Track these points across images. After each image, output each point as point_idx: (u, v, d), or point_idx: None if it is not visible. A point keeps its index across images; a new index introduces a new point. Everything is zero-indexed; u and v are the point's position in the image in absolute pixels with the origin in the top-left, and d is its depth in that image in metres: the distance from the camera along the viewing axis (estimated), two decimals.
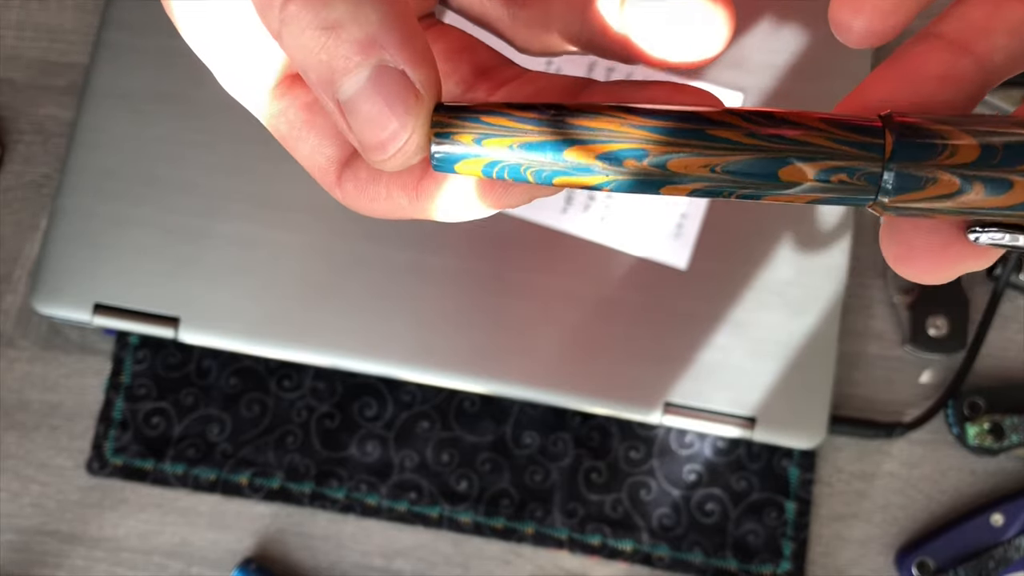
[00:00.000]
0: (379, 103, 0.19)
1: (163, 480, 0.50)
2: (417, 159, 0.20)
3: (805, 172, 0.19)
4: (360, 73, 0.19)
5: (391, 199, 0.22)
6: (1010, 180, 0.18)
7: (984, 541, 0.50)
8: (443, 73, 0.23)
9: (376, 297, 0.50)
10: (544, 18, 0.23)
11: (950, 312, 0.52)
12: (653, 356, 0.50)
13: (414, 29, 0.19)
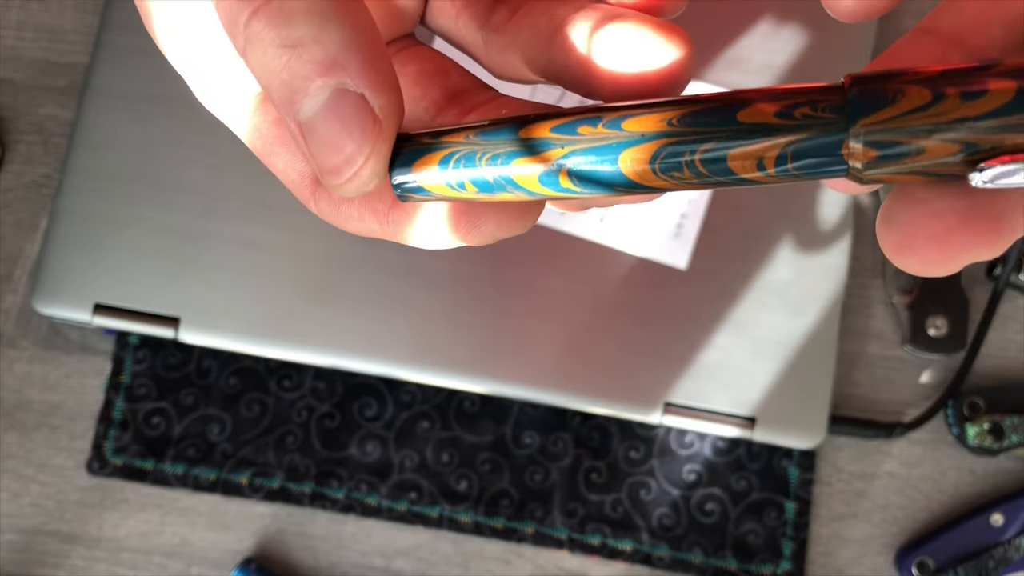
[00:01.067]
0: (336, 126, 0.19)
1: (163, 480, 0.50)
2: (372, 186, 0.20)
3: (766, 111, 0.18)
4: (319, 94, 0.18)
5: (363, 222, 0.22)
6: (985, 87, 0.17)
7: (984, 541, 0.50)
8: (414, 97, 0.23)
9: (376, 297, 0.50)
10: (513, 45, 0.23)
11: (950, 312, 0.52)
12: (653, 356, 0.50)
13: (378, 53, 0.19)
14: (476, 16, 0.24)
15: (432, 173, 0.20)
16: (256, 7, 0.18)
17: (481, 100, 0.23)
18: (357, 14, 0.19)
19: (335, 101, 0.18)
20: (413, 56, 0.24)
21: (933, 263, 0.17)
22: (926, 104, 0.17)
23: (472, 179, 0.20)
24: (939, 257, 0.17)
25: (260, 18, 0.18)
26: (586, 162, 0.19)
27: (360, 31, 0.18)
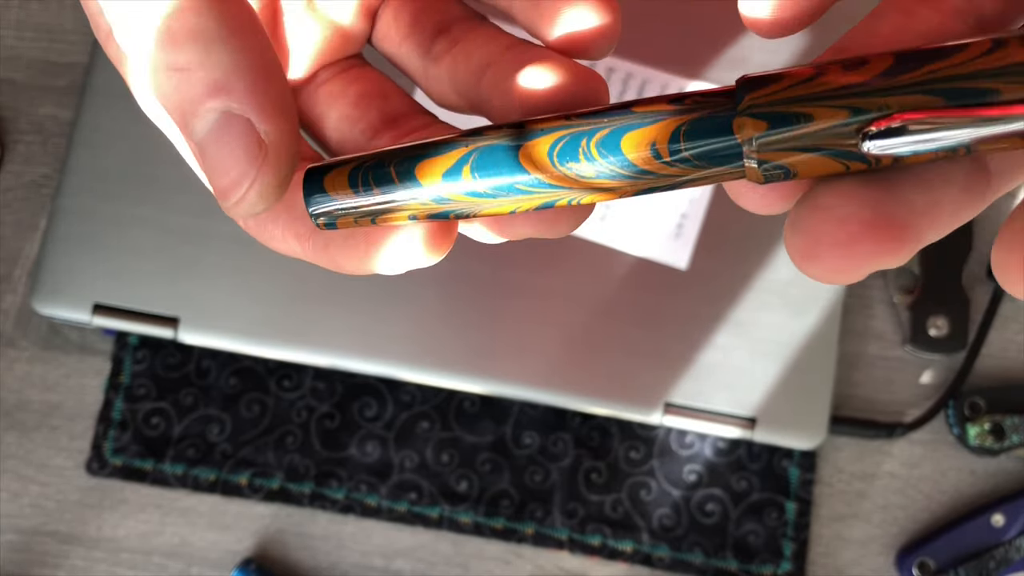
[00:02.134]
0: (223, 149, 0.19)
1: (163, 480, 0.50)
2: (261, 209, 0.20)
3: (660, 102, 0.18)
4: (207, 117, 0.19)
5: (287, 243, 0.22)
6: (866, 57, 0.17)
7: (985, 541, 0.50)
8: (352, 118, 0.24)
9: (376, 297, 0.50)
10: (449, 77, 0.23)
11: (951, 312, 0.52)
12: (653, 356, 0.50)
13: (269, 77, 0.19)
14: (418, 45, 0.24)
15: (342, 200, 0.20)
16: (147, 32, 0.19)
17: (417, 125, 0.23)
18: (248, 38, 0.19)
19: (222, 125, 0.19)
20: (356, 77, 0.25)
21: (837, 271, 0.17)
22: (811, 76, 0.17)
23: (381, 203, 0.20)
24: (843, 265, 0.17)
25: (152, 41, 0.19)
26: (490, 154, 0.19)
27: (249, 55, 0.19)
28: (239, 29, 0.19)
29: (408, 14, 0.25)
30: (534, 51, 0.22)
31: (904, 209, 0.17)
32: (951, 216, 0.18)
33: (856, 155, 0.17)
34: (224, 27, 0.19)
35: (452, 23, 0.24)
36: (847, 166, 0.17)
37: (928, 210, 0.18)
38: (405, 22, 0.25)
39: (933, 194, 0.18)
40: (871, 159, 0.17)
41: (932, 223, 0.18)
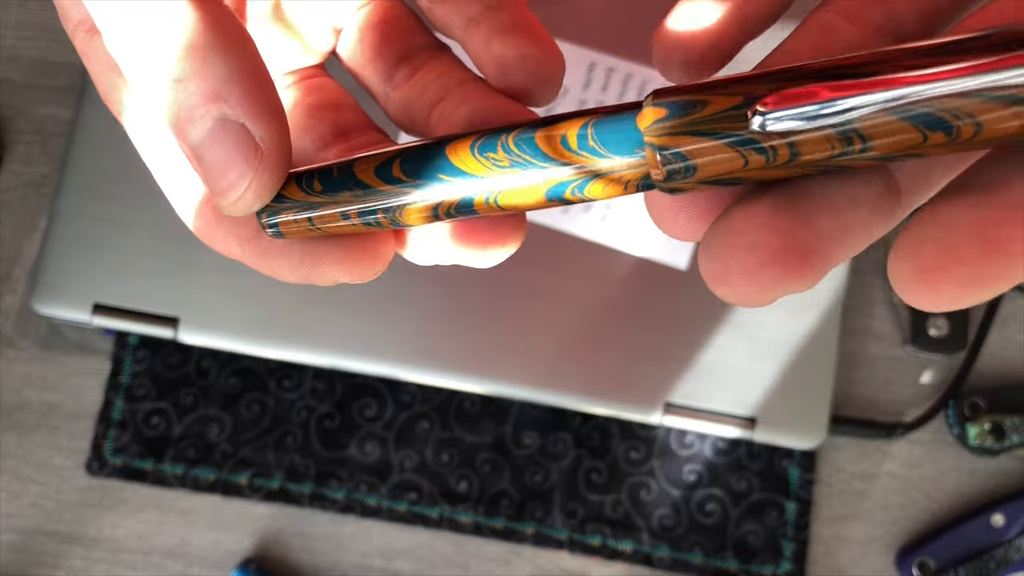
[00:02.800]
0: (220, 153, 0.20)
1: (162, 480, 0.50)
2: (257, 207, 0.21)
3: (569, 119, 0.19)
4: (204, 123, 0.20)
5: (228, 244, 0.24)
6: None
7: (985, 541, 0.50)
8: (305, 128, 0.25)
9: (376, 297, 0.50)
10: (406, 105, 0.25)
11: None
12: (653, 356, 0.50)
13: (261, 85, 0.20)
14: (380, 71, 0.25)
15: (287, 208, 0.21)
16: None
17: (367, 141, 0.24)
18: (241, 48, 0.20)
19: (218, 129, 0.20)
20: (315, 87, 0.26)
21: (746, 296, 0.18)
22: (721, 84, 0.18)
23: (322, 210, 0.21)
24: (752, 291, 0.18)
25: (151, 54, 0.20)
26: (419, 152, 0.21)
27: (243, 64, 0.20)
28: (232, 39, 0.20)
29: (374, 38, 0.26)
30: (482, 91, 0.23)
31: (812, 235, 0.18)
32: (861, 237, 0.19)
33: (749, 141, 0.17)
34: (218, 38, 0.20)
35: (415, 51, 0.25)
36: (745, 157, 0.18)
37: (836, 234, 0.18)
38: (370, 45, 0.26)
39: (842, 218, 0.18)
40: (765, 146, 0.17)
41: (841, 246, 0.18)
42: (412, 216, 0.21)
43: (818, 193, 0.18)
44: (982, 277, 0.16)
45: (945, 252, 0.16)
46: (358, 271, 0.22)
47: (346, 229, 0.22)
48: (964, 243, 0.16)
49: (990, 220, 0.16)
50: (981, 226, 0.16)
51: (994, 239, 0.16)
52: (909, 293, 0.17)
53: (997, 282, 0.16)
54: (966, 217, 0.16)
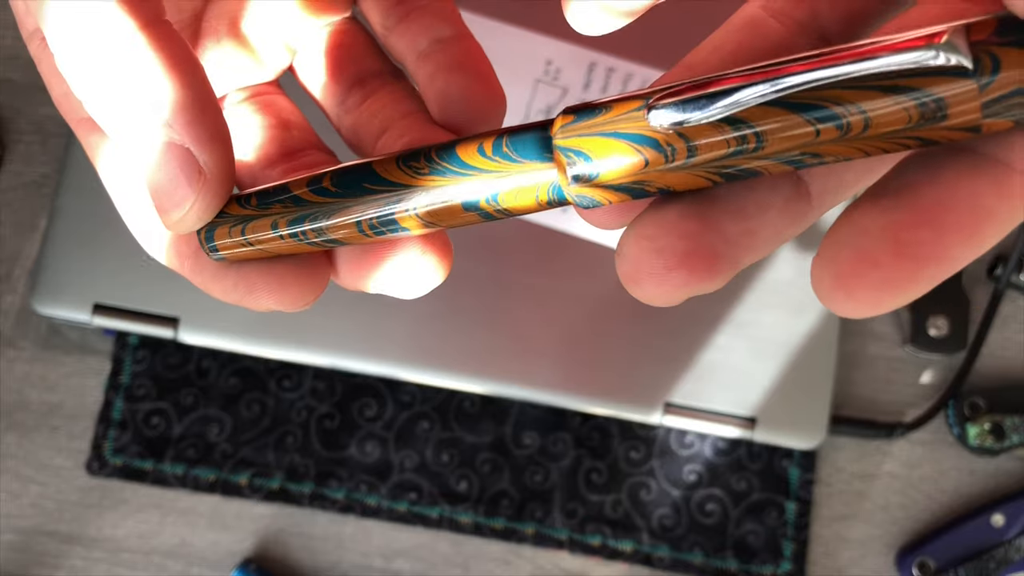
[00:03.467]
0: (165, 174, 0.21)
1: (162, 480, 0.50)
2: (199, 227, 0.22)
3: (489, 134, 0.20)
4: (151, 145, 0.21)
5: (168, 258, 0.24)
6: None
7: (985, 541, 0.50)
8: (250, 146, 0.25)
9: (376, 297, 0.50)
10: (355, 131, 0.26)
11: (951, 312, 0.52)
12: (653, 356, 0.50)
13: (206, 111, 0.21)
14: (334, 93, 0.26)
15: (221, 223, 0.22)
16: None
17: (312, 161, 0.25)
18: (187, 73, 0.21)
19: (164, 152, 0.21)
20: (266, 105, 0.27)
21: (656, 297, 0.19)
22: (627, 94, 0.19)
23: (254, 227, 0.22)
24: (660, 292, 0.18)
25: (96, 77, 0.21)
26: (350, 167, 0.22)
27: (191, 92, 0.21)
28: (178, 65, 0.21)
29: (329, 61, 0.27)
30: (423, 125, 0.24)
31: (719, 239, 0.18)
32: (769, 241, 0.19)
33: (646, 137, 0.18)
34: (166, 64, 0.21)
35: (369, 77, 0.26)
36: (644, 155, 0.18)
37: (743, 239, 0.19)
38: (325, 68, 0.27)
39: (748, 223, 0.19)
40: (662, 143, 0.18)
41: (748, 250, 0.19)
42: (338, 230, 0.21)
43: (725, 199, 0.19)
44: (896, 281, 0.16)
45: (860, 258, 0.17)
46: (290, 299, 0.23)
47: (279, 247, 0.22)
48: (878, 248, 0.17)
49: (902, 224, 0.17)
50: (893, 231, 0.17)
51: (906, 243, 0.16)
52: (829, 300, 0.17)
53: (912, 286, 0.17)
54: (880, 222, 0.17)
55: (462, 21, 0.26)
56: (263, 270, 0.23)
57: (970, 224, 0.17)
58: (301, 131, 0.26)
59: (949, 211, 0.17)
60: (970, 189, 0.17)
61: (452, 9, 0.26)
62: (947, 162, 0.17)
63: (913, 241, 0.17)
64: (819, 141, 0.17)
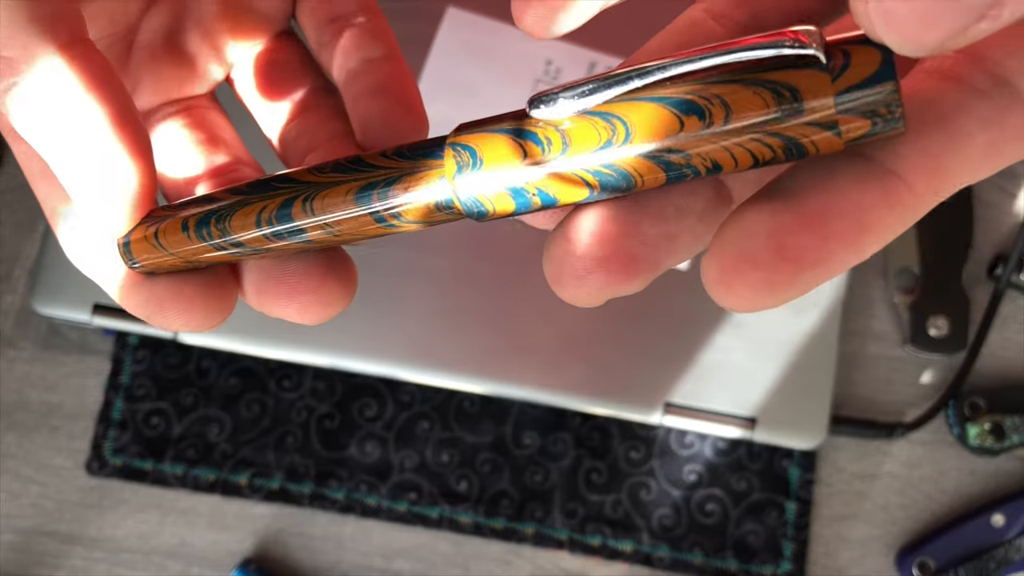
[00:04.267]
0: (88, 184, 0.22)
1: (162, 480, 0.50)
2: (116, 229, 0.23)
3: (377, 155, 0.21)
4: (75, 155, 0.22)
5: (89, 267, 0.26)
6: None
7: (985, 542, 0.50)
8: (184, 161, 0.26)
9: (376, 297, 0.50)
10: (282, 148, 0.27)
11: (951, 312, 0.52)
12: (653, 356, 0.49)
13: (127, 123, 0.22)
14: (267, 109, 0.27)
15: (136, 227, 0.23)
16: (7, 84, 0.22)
17: (238, 178, 0.25)
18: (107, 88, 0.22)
19: (86, 163, 0.22)
20: (199, 121, 0.27)
21: (577, 298, 0.19)
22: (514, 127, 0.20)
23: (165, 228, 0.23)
24: (581, 293, 0.19)
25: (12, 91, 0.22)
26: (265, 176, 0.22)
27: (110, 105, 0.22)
28: (99, 81, 0.22)
29: (264, 76, 0.27)
30: (345, 148, 0.25)
31: (637, 243, 0.19)
32: (689, 244, 0.20)
33: (524, 131, 0.19)
34: (84, 80, 0.22)
35: (302, 92, 0.27)
36: (523, 148, 0.19)
37: (662, 242, 0.19)
38: (259, 82, 0.27)
39: (667, 226, 0.19)
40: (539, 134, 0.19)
41: (668, 253, 0.19)
42: (239, 223, 0.22)
43: (646, 202, 0.19)
44: (775, 283, 0.17)
45: (743, 257, 0.17)
46: (196, 320, 0.23)
47: (189, 252, 0.23)
48: (760, 250, 0.17)
49: (786, 229, 0.17)
50: (777, 235, 0.17)
51: (788, 248, 0.17)
52: (713, 292, 0.18)
53: (790, 289, 0.17)
54: (766, 225, 0.17)
55: (394, 42, 0.26)
56: (172, 288, 0.23)
57: (854, 232, 0.17)
58: (231, 148, 0.27)
59: (835, 218, 0.17)
60: (858, 198, 0.17)
61: (385, 29, 0.26)
62: (839, 168, 0.18)
63: (795, 246, 0.17)
64: (688, 136, 0.18)
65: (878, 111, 0.17)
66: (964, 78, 0.18)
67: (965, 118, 0.17)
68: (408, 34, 0.53)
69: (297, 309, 0.23)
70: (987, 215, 0.54)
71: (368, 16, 0.27)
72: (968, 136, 0.17)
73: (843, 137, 0.17)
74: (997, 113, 0.17)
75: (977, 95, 0.17)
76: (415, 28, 0.53)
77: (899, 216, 0.17)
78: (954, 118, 0.17)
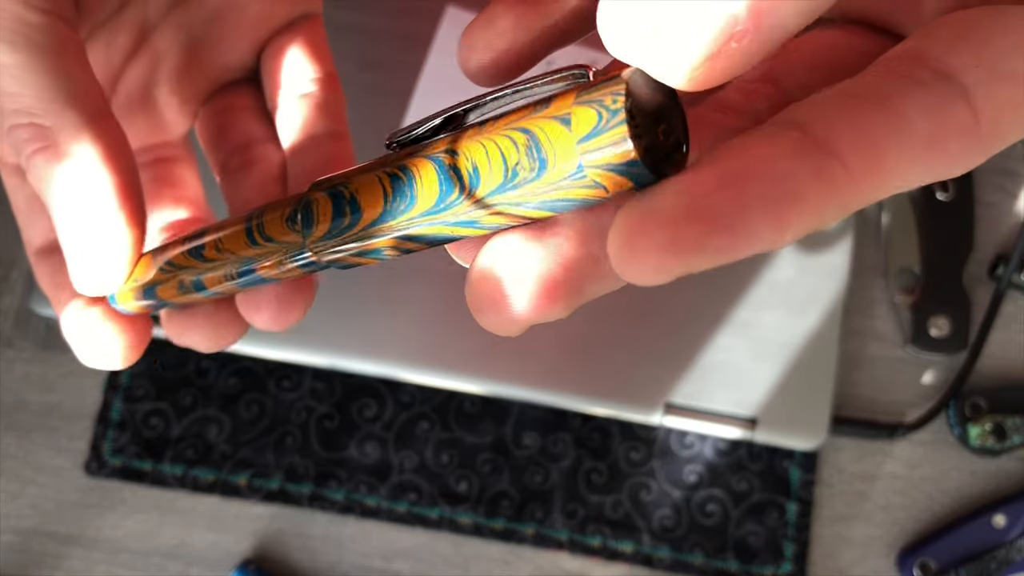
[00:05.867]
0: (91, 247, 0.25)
1: (162, 481, 0.50)
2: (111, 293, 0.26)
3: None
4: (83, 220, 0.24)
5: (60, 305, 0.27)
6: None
7: (986, 542, 0.50)
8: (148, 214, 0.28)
9: (376, 297, 0.50)
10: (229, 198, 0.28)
11: (952, 312, 0.52)
12: (653, 356, 0.49)
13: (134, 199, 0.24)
14: (217, 161, 0.29)
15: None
16: (37, 148, 0.24)
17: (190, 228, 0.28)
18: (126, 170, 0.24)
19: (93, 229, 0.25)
20: (165, 175, 0.30)
21: (499, 327, 0.20)
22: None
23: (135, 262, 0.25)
24: (504, 322, 0.20)
25: (40, 155, 0.24)
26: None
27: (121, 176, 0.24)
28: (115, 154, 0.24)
29: (214, 126, 0.29)
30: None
31: (558, 268, 0.18)
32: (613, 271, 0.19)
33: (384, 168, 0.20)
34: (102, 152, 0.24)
35: (250, 143, 0.29)
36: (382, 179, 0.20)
37: (586, 266, 0.19)
38: (211, 131, 0.29)
39: (590, 248, 0.19)
40: (390, 171, 0.20)
41: (592, 279, 0.19)
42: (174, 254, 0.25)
43: (567, 224, 0.19)
44: (682, 245, 0.15)
45: (650, 214, 0.16)
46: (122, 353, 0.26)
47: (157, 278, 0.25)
48: (669, 206, 0.16)
49: (701, 187, 0.16)
50: (690, 192, 0.16)
51: (700, 207, 0.15)
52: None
53: (697, 253, 0.15)
54: (679, 183, 0.16)
55: (342, 117, 0.28)
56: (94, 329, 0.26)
57: (775, 200, 0.15)
58: (192, 206, 0.29)
59: (754, 180, 0.15)
60: (784, 166, 0.16)
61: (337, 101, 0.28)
62: (768, 136, 0.16)
63: (707, 206, 0.15)
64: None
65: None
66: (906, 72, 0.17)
67: (907, 104, 0.16)
68: (408, 33, 0.53)
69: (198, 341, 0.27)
70: (988, 215, 0.54)
71: (323, 87, 0.28)
72: (909, 123, 0.16)
73: (570, 125, 0.17)
74: (940, 103, 0.16)
75: (919, 85, 0.16)
76: (415, 27, 0.53)
77: (829, 196, 0.16)
78: (895, 102, 0.16)
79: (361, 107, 0.53)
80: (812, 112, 0.16)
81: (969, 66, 0.17)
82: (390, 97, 0.52)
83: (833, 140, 0.16)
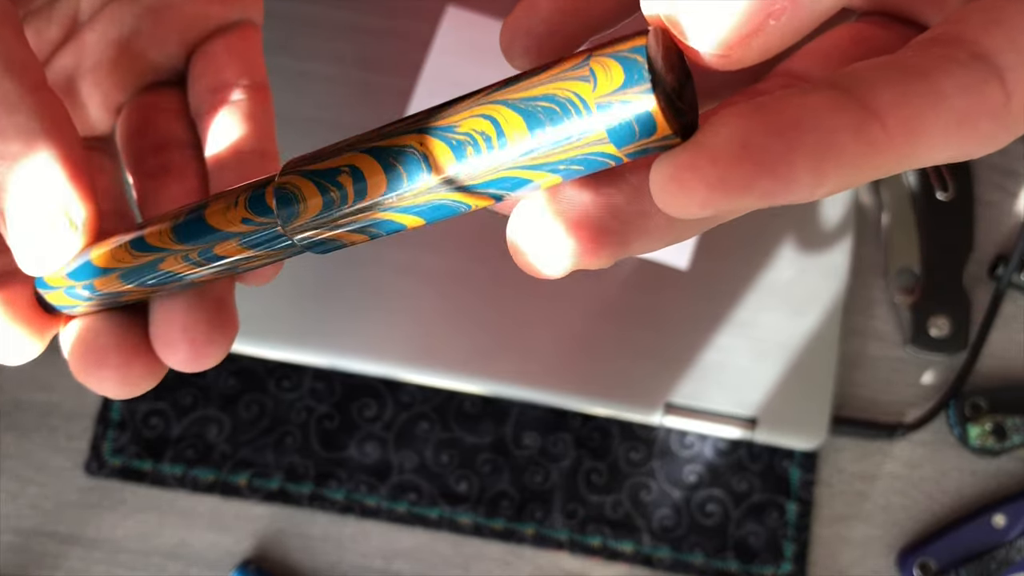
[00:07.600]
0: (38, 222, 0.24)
1: (161, 481, 0.50)
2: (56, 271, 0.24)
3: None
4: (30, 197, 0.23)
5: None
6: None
7: (986, 542, 0.50)
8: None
9: (376, 297, 0.50)
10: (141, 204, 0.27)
11: (952, 312, 0.52)
12: (653, 356, 0.49)
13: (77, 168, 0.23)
14: (132, 161, 0.28)
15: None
16: None
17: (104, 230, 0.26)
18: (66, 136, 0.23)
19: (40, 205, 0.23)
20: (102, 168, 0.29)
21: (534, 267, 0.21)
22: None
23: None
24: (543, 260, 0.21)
25: None
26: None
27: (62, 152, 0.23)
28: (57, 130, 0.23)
29: (132, 124, 0.28)
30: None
31: (609, 216, 0.19)
32: (664, 226, 0.19)
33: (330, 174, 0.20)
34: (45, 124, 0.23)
35: (168, 145, 0.28)
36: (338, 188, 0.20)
37: (636, 219, 0.19)
38: (128, 131, 0.28)
39: (643, 204, 0.19)
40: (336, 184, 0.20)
41: (640, 232, 0.19)
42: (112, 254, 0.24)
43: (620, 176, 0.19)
44: (730, 184, 0.16)
45: (702, 150, 0.16)
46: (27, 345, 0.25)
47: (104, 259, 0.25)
48: (722, 146, 0.16)
49: (753, 130, 0.16)
50: (743, 133, 0.16)
51: (752, 148, 0.16)
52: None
53: (744, 194, 0.16)
54: (734, 121, 0.16)
55: (270, 128, 0.27)
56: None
57: (820, 151, 0.16)
58: (110, 200, 0.28)
59: (806, 132, 0.16)
60: (831, 120, 0.16)
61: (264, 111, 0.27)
62: (813, 91, 0.17)
63: (760, 147, 0.16)
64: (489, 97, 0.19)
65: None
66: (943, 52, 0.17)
67: (945, 80, 0.17)
68: (408, 33, 0.53)
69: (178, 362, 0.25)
70: (988, 215, 0.54)
71: (252, 97, 0.27)
72: (946, 98, 0.17)
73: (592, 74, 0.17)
74: (977, 83, 0.17)
75: (957, 63, 0.17)
76: (415, 27, 0.53)
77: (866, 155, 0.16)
78: (934, 77, 0.17)
79: (361, 107, 0.53)
80: (854, 76, 0.17)
81: (1004, 49, 0.17)
82: (390, 97, 0.52)
83: (875, 101, 0.16)
